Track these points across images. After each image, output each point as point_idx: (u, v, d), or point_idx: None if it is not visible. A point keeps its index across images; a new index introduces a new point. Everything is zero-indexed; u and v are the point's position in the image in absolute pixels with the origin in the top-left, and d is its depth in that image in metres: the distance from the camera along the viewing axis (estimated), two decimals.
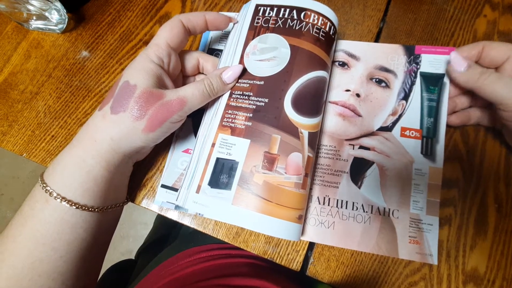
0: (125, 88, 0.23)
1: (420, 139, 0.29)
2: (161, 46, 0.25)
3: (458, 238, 0.28)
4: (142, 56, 0.24)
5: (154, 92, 0.23)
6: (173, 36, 0.25)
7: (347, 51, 0.33)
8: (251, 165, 0.25)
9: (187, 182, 0.26)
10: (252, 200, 0.24)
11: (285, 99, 0.26)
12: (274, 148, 0.25)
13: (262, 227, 0.24)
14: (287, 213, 0.24)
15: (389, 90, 0.31)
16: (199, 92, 0.25)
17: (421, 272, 0.28)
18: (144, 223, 1.15)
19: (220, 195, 0.25)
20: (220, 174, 0.25)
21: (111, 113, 0.23)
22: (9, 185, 1.22)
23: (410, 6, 0.36)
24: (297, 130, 0.26)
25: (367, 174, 0.29)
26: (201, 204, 0.25)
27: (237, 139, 0.26)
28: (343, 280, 0.28)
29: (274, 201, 0.24)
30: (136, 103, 0.22)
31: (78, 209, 0.22)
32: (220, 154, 0.26)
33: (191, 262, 0.35)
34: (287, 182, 0.25)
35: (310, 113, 0.27)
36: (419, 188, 0.28)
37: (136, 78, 0.23)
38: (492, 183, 0.29)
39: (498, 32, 0.34)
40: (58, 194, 0.22)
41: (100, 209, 0.24)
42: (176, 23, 0.26)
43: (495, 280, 0.27)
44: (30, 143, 0.32)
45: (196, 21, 0.26)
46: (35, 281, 0.21)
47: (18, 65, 0.36)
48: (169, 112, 0.23)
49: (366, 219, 0.28)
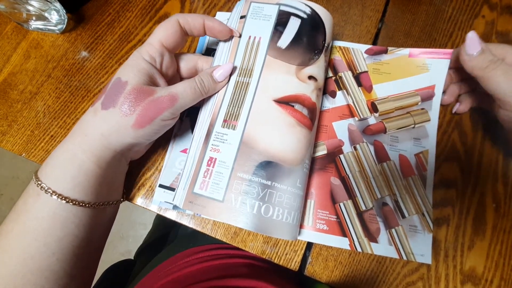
0: (117, 85, 0.23)
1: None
2: (154, 45, 0.25)
3: (456, 238, 0.28)
4: (135, 55, 0.25)
5: (144, 88, 0.23)
6: (167, 36, 0.25)
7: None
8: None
9: (183, 182, 0.26)
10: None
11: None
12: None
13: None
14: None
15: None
16: (191, 89, 0.25)
17: (419, 272, 0.28)
18: (143, 223, 1.15)
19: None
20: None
21: (101, 108, 0.23)
22: (9, 185, 1.22)
23: (409, 7, 0.36)
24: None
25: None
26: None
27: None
28: (341, 280, 0.28)
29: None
30: (126, 99, 0.23)
31: (68, 203, 0.22)
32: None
33: (189, 263, 0.35)
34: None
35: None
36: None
37: (127, 75, 0.23)
38: (490, 182, 0.29)
39: (496, 33, 0.34)
40: (49, 188, 0.22)
41: (92, 205, 0.23)
42: (172, 23, 0.26)
43: (493, 280, 0.27)
44: (29, 143, 0.33)
45: (194, 23, 0.26)
46: (27, 279, 0.21)
47: (18, 65, 0.36)
48: (160, 108, 0.23)
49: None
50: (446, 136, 0.31)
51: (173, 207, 0.26)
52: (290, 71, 0.27)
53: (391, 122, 0.31)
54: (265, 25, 0.29)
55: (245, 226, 0.24)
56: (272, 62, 0.28)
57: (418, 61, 0.32)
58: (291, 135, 0.26)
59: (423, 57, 0.31)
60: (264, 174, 0.25)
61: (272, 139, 0.26)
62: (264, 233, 0.24)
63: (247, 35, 0.29)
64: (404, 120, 0.31)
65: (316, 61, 0.28)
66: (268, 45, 0.28)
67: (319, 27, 0.29)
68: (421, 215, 0.28)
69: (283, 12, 0.29)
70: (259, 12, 0.29)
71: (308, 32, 0.28)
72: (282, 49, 0.28)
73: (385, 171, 0.29)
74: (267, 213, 0.24)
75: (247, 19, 0.30)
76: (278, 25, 0.28)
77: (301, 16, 0.28)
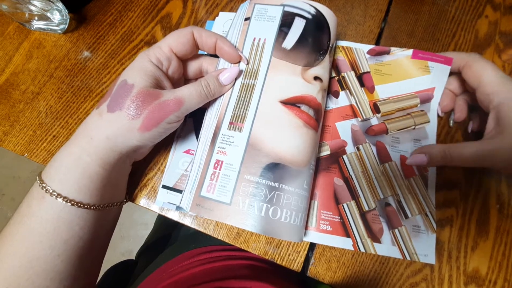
0: (123, 87, 0.23)
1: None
2: (163, 49, 0.25)
3: (460, 239, 0.28)
4: (141, 56, 0.25)
5: (151, 91, 0.23)
6: (178, 44, 0.25)
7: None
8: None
9: (190, 185, 0.26)
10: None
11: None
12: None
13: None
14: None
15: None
16: (196, 92, 0.25)
17: (422, 273, 0.27)
18: (145, 223, 1.15)
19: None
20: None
21: (107, 111, 0.23)
22: (10, 185, 1.22)
23: (412, 7, 0.36)
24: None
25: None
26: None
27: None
28: (344, 281, 0.28)
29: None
30: (133, 102, 0.23)
31: (73, 206, 0.22)
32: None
33: (191, 264, 0.35)
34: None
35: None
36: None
37: (134, 78, 0.23)
38: (493, 184, 0.29)
39: (500, 33, 0.34)
40: (53, 191, 0.22)
41: (96, 207, 0.24)
42: (185, 33, 0.25)
43: (497, 281, 0.27)
44: (32, 143, 0.32)
45: (206, 40, 0.26)
46: (32, 281, 0.21)
47: (20, 65, 0.36)
48: (166, 112, 0.23)
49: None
50: (449, 136, 0.31)
51: (177, 208, 0.26)
52: (296, 72, 0.27)
53: (393, 123, 0.31)
54: (270, 26, 0.29)
55: (253, 229, 0.23)
56: (277, 63, 0.28)
57: (421, 63, 0.31)
58: (298, 136, 0.26)
59: (425, 60, 0.31)
60: (271, 176, 0.25)
61: (278, 141, 0.25)
62: (272, 236, 0.24)
63: (252, 37, 0.29)
64: (405, 121, 0.31)
65: (321, 62, 0.28)
66: (273, 47, 0.28)
67: (324, 28, 0.29)
68: (424, 215, 0.28)
69: (288, 13, 0.29)
70: (264, 14, 0.29)
71: (313, 32, 0.28)
72: (287, 50, 0.28)
73: (387, 171, 0.29)
74: (275, 215, 0.24)
75: (251, 21, 0.29)
76: (282, 26, 0.28)
77: (305, 17, 0.28)
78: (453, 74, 0.30)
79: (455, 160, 0.26)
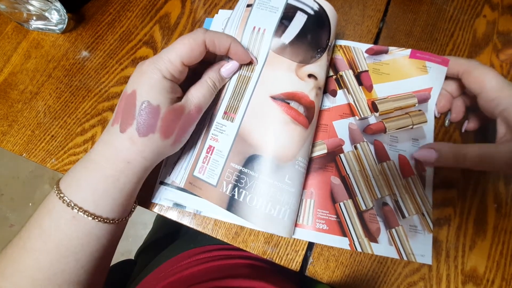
0: (149, 110, 0.23)
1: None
2: (174, 64, 0.24)
3: (457, 238, 0.28)
4: (154, 72, 0.23)
5: (175, 108, 0.24)
6: (190, 58, 0.24)
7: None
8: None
9: (185, 164, 0.28)
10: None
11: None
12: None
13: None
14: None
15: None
16: (209, 93, 0.26)
17: (420, 272, 0.28)
18: (143, 223, 1.15)
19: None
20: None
21: (139, 136, 0.23)
22: (9, 185, 1.22)
23: (410, 7, 0.36)
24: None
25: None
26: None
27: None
28: (342, 280, 0.28)
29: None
30: (164, 123, 0.23)
31: (105, 223, 0.23)
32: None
33: (190, 264, 0.35)
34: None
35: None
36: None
37: (156, 98, 0.23)
38: (491, 182, 0.29)
39: (498, 33, 0.34)
40: (87, 211, 0.22)
41: (122, 220, 0.25)
42: (198, 43, 0.24)
43: (494, 280, 0.27)
44: (30, 143, 0.32)
45: (219, 47, 0.25)
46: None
47: (18, 65, 0.36)
48: (191, 121, 0.25)
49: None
50: (447, 136, 0.31)
51: (174, 204, 0.27)
52: (291, 68, 0.27)
53: (391, 122, 0.31)
54: (271, 17, 0.28)
55: (232, 210, 0.26)
56: (274, 58, 0.28)
57: (418, 63, 0.31)
58: (284, 132, 0.26)
59: (423, 59, 0.31)
60: (252, 166, 0.26)
61: (263, 134, 0.26)
62: (247, 220, 0.25)
63: (252, 26, 0.29)
64: (403, 120, 0.31)
65: (318, 60, 0.28)
66: (271, 39, 0.28)
67: (325, 26, 0.29)
68: (421, 215, 0.28)
69: (290, 6, 0.28)
70: (266, 3, 0.29)
71: (313, 29, 0.28)
72: (285, 44, 0.28)
73: (385, 171, 0.29)
74: (252, 202, 0.25)
75: (253, 8, 0.29)
76: (284, 19, 0.28)
77: (308, 12, 0.28)
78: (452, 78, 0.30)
79: (469, 162, 0.25)
